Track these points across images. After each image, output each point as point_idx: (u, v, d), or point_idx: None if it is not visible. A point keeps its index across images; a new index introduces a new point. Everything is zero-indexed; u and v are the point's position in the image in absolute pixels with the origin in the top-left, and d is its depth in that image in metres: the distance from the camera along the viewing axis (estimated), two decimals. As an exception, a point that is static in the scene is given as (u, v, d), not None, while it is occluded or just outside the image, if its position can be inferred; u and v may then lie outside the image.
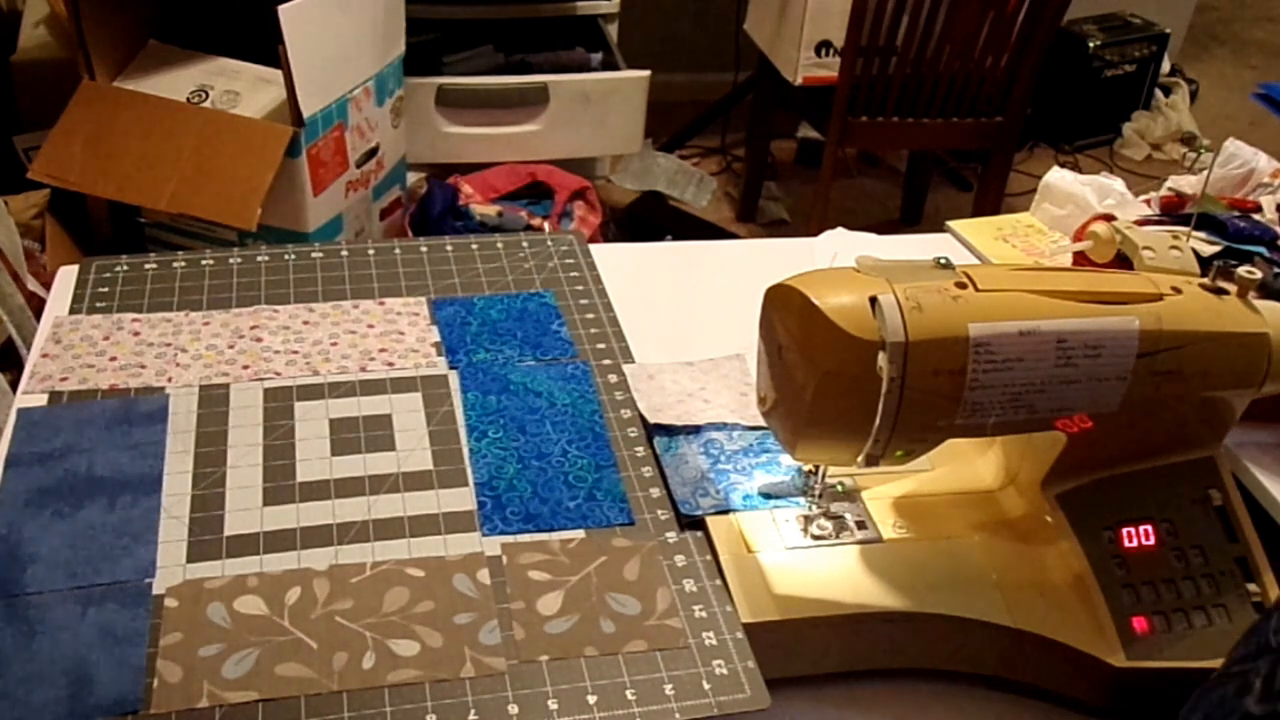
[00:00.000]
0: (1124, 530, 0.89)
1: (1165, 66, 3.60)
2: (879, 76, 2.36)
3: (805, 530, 0.93)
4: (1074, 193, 1.40)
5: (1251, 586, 0.88)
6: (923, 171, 3.06)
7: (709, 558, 0.92)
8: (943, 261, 0.83)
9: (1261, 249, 1.21)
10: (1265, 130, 3.44)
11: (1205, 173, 1.37)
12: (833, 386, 0.79)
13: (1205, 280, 0.89)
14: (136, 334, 1.10)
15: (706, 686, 0.82)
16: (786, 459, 0.99)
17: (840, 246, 1.30)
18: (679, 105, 3.16)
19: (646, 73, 2.48)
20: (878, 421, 0.79)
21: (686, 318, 1.21)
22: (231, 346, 1.09)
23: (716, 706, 0.81)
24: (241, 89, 1.97)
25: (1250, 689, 0.54)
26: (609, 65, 2.58)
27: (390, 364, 1.09)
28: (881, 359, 0.77)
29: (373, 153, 2.13)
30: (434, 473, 0.98)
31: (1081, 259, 1.30)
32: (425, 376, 1.08)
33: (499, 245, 1.29)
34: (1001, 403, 0.80)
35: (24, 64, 2.17)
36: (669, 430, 1.03)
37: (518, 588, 0.88)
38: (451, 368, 1.09)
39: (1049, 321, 0.80)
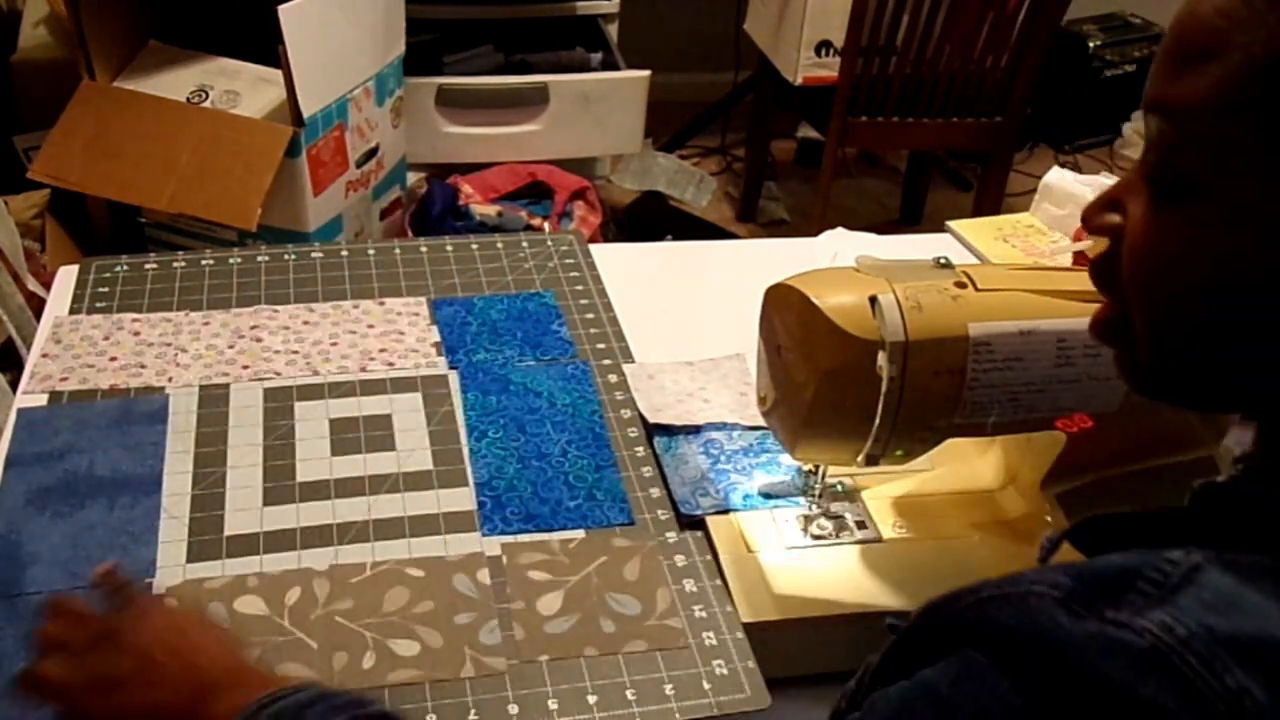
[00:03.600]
0: (1124, 530, 0.89)
1: (1165, 66, 3.59)
2: (879, 76, 2.36)
3: (805, 530, 0.93)
4: (1074, 193, 1.40)
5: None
6: (923, 171, 3.06)
7: (709, 558, 0.92)
8: (942, 261, 0.83)
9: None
10: (1265, 130, 3.43)
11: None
12: (832, 386, 0.79)
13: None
14: (136, 334, 1.10)
15: (706, 686, 0.82)
16: (786, 459, 0.98)
17: (840, 246, 1.30)
18: (679, 105, 3.15)
19: (646, 73, 2.48)
20: (878, 421, 0.79)
21: (686, 318, 1.21)
22: (231, 346, 1.09)
23: (716, 706, 0.81)
24: (241, 89, 1.97)
25: None
26: (609, 65, 2.57)
27: (390, 364, 1.09)
28: (881, 358, 0.77)
29: (373, 153, 2.13)
30: (434, 473, 0.98)
31: (1081, 259, 1.30)
32: (425, 376, 1.08)
33: (499, 245, 1.29)
34: (1001, 402, 0.80)
35: (24, 64, 2.16)
36: (669, 430, 1.03)
37: (518, 588, 0.88)
38: (451, 368, 1.09)
39: (1049, 321, 0.80)
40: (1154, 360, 0.52)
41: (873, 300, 0.78)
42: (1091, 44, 3.36)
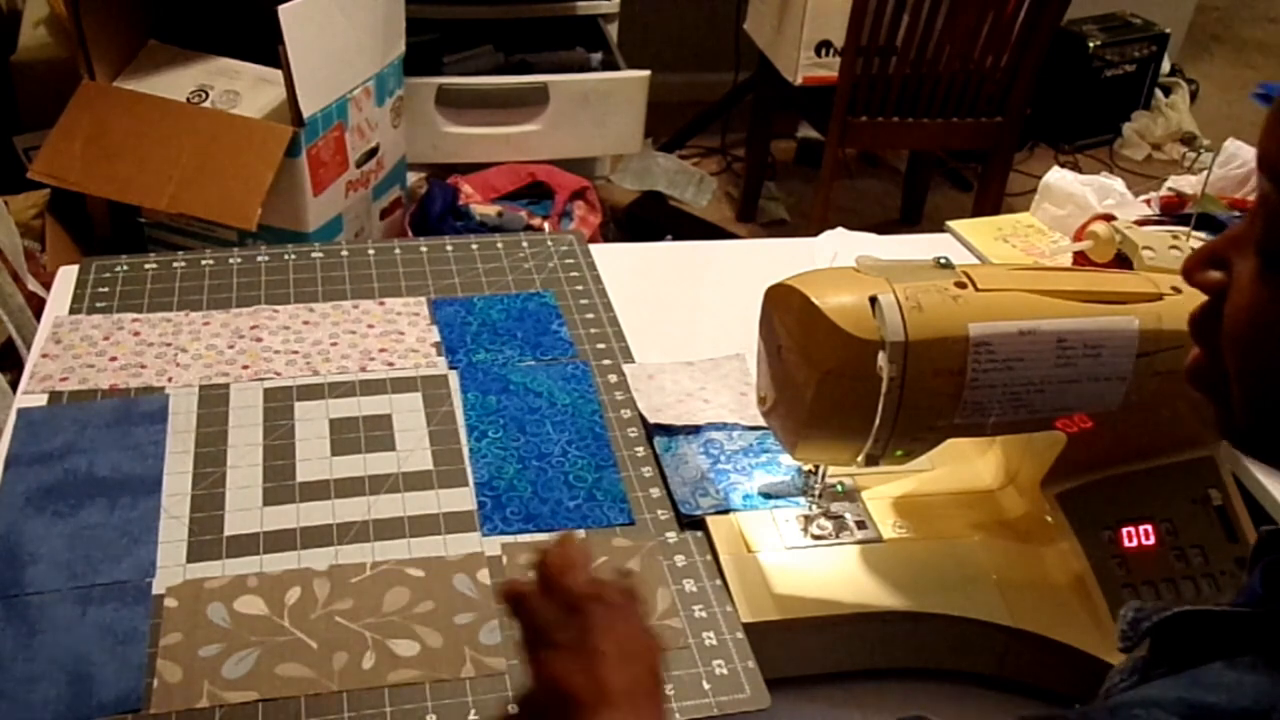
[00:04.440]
0: (1124, 530, 0.89)
1: (1165, 66, 3.60)
2: (879, 76, 2.36)
3: (805, 530, 0.93)
4: (1074, 193, 1.40)
5: (1252, 587, 0.88)
6: (923, 171, 3.06)
7: (709, 558, 0.92)
8: (943, 261, 0.83)
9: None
10: (1265, 130, 3.42)
11: (1205, 173, 1.37)
12: (833, 386, 0.79)
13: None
14: (136, 334, 1.10)
15: (706, 686, 0.82)
16: (786, 459, 0.98)
17: (840, 246, 1.30)
18: (679, 105, 3.15)
19: (646, 73, 2.48)
20: (878, 421, 0.79)
21: (686, 318, 1.21)
22: (231, 346, 1.09)
23: (716, 706, 0.81)
24: (241, 89, 1.97)
25: None
26: (609, 65, 2.57)
27: (390, 364, 1.09)
28: (881, 359, 0.77)
29: (373, 153, 2.13)
30: (434, 473, 0.98)
31: (1081, 259, 1.30)
32: (425, 376, 1.08)
33: (499, 245, 1.29)
34: (1001, 402, 0.80)
35: (24, 64, 2.17)
36: (669, 430, 1.03)
37: (518, 588, 0.88)
38: (451, 368, 1.09)
39: (1049, 321, 0.80)
40: (1252, 421, 0.49)
41: (873, 300, 0.78)
42: (1091, 44, 3.37)
